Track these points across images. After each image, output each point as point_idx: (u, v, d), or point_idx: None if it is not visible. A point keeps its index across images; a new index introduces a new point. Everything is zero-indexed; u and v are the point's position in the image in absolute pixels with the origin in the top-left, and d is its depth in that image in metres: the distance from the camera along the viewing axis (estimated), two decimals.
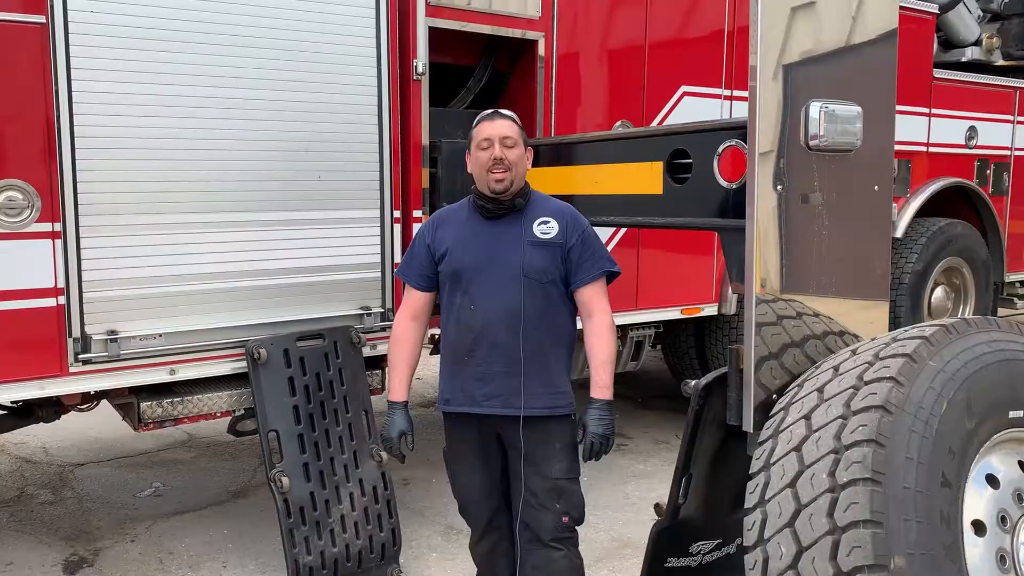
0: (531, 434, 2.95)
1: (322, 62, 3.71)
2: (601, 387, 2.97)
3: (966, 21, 6.56)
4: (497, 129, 2.96)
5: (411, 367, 3.15)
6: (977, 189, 6.50)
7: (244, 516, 4.64)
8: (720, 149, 2.99)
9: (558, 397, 2.98)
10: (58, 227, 3.21)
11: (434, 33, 4.04)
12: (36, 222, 3.18)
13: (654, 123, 4.82)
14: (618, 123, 4.70)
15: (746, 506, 2.36)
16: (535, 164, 3.25)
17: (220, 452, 5.71)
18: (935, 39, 6.23)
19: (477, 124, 3.02)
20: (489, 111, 3.07)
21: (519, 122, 3.05)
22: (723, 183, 2.99)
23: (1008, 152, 6.73)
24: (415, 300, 3.13)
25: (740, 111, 4.89)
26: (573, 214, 3.05)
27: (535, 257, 2.94)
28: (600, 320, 3.00)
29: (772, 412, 2.54)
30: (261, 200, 3.64)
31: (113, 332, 3.34)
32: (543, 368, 2.95)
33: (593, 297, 3.00)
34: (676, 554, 2.97)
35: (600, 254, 3.03)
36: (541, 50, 4.41)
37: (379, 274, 3.96)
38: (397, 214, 3.99)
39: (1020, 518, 2.39)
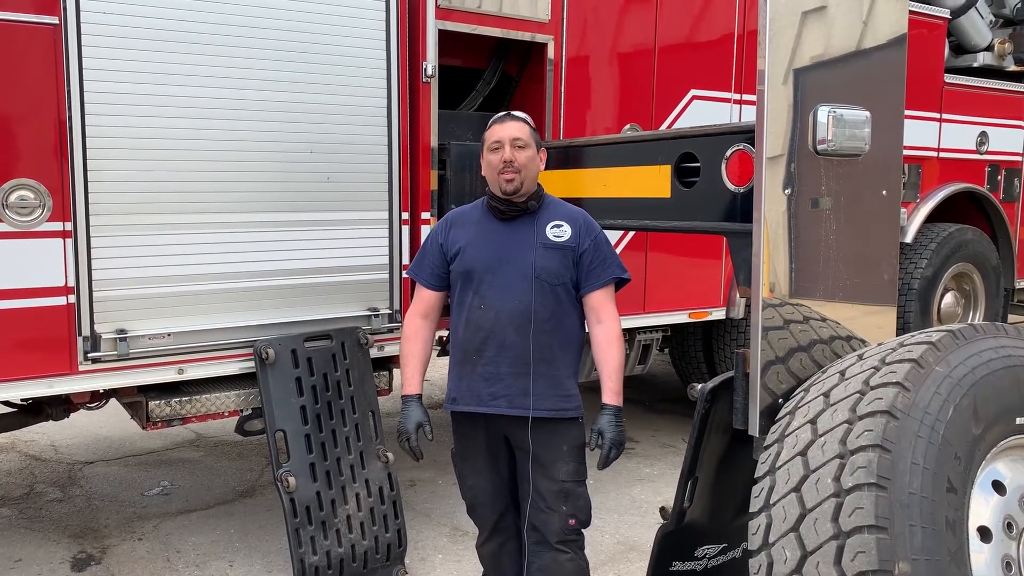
0: (538, 436, 2.95)
1: (332, 64, 3.73)
2: (613, 393, 2.98)
3: (978, 26, 6.53)
4: (507, 131, 2.98)
5: (423, 362, 3.15)
6: (988, 195, 6.48)
7: (251, 515, 4.66)
8: (728, 153, 2.99)
9: (566, 400, 2.98)
10: (69, 226, 3.24)
11: (444, 36, 4.05)
12: (47, 221, 3.21)
13: (663, 126, 4.82)
14: (627, 126, 4.70)
15: (751, 510, 2.36)
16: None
17: (227, 451, 5.73)
18: (947, 44, 6.21)
19: (489, 127, 3.05)
20: (502, 113, 3.09)
21: (531, 123, 3.07)
22: (731, 187, 2.99)
23: (1019, 158, 6.70)
24: (426, 298, 3.14)
25: (749, 115, 4.90)
26: (586, 219, 3.05)
27: (547, 259, 2.95)
28: (609, 327, 3.00)
29: (778, 416, 2.54)
30: (270, 201, 3.66)
31: (122, 331, 3.36)
32: (551, 370, 2.96)
33: (602, 303, 3.01)
34: (681, 558, 2.97)
35: (611, 260, 3.04)
36: (551, 53, 4.42)
37: (387, 275, 3.97)
38: (405, 216, 4.00)
39: None
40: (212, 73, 3.46)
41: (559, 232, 2.98)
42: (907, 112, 3.04)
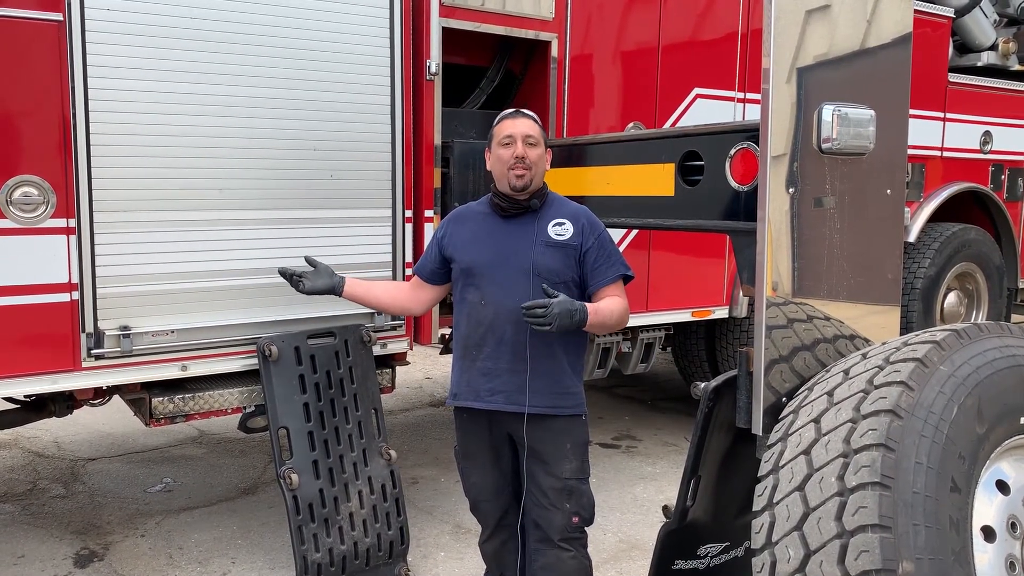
0: (539, 433, 2.95)
1: (336, 62, 3.73)
2: (593, 308, 2.89)
3: (982, 25, 6.52)
4: (520, 127, 2.98)
5: (379, 287, 3.40)
6: (991, 194, 6.47)
7: (253, 513, 4.66)
8: (732, 151, 2.99)
9: (565, 397, 2.98)
10: (72, 223, 3.24)
11: (447, 33, 4.05)
12: (51, 218, 3.21)
13: (666, 125, 4.82)
14: (631, 124, 4.70)
15: (754, 509, 2.36)
16: None
17: (230, 449, 5.74)
18: (951, 43, 6.20)
19: (499, 122, 3.05)
20: (511, 110, 3.09)
21: (540, 122, 3.07)
22: (735, 185, 2.99)
23: (1023, 157, 6.69)
24: (420, 280, 3.25)
25: (753, 114, 4.89)
26: (590, 217, 3.06)
27: (547, 257, 2.95)
28: (623, 300, 3.02)
29: (781, 415, 2.54)
30: (274, 198, 3.66)
31: (126, 328, 3.36)
32: (551, 367, 2.96)
33: (615, 293, 3.01)
34: (684, 556, 2.97)
35: (615, 258, 3.04)
36: (554, 51, 4.42)
37: (390, 273, 3.97)
38: (409, 213, 4.00)
39: None
40: (216, 70, 3.46)
41: (561, 230, 2.98)
42: (911, 111, 3.04)
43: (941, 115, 6.09)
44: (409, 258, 3.98)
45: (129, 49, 3.28)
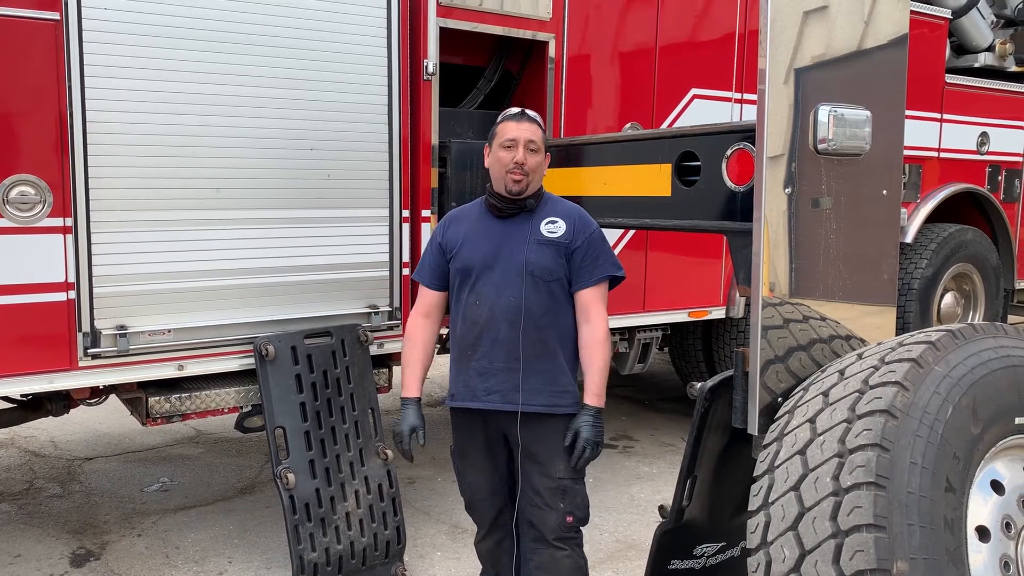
0: (534, 432, 2.96)
1: (333, 61, 3.73)
2: (594, 395, 2.97)
3: (979, 26, 6.54)
4: (523, 132, 2.96)
5: (424, 364, 3.15)
6: (988, 195, 6.49)
7: (250, 512, 4.66)
8: (729, 152, 2.99)
9: (560, 396, 2.98)
10: (69, 222, 3.24)
11: (445, 33, 4.05)
12: (48, 217, 3.21)
13: (663, 125, 4.82)
14: (628, 125, 4.70)
15: (750, 509, 2.37)
16: None
17: (227, 448, 5.73)
18: (948, 44, 6.21)
19: (503, 121, 3.02)
20: (516, 110, 3.06)
21: (543, 125, 3.06)
22: (731, 186, 2.99)
23: (1020, 158, 6.71)
24: (427, 298, 3.15)
25: (750, 114, 4.90)
26: (582, 216, 3.05)
27: (540, 255, 2.95)
28: (596, 328, 2.97)
29: (777, 415, 2.54)
30: (271, 198, 3.66)
31: (122, 327, 3.36)
32: (546, 365, 2.96)
33: (591, 303, 2.99)
34: (680, 556, 2.97)
35: (604, 259, 3.02)
36: (552, 51, 4.42)
37: (387, 273, 3.97)
38: (406, 213, 4.00)
39: None
40: (213, 70, 3.46)
41: (553, 228, 2.98)
42: (908, 112, 3.04)
43: (938, 116, 6.11)
44: (406, 258, 3.98)
45: (126, 48, 3.28)
